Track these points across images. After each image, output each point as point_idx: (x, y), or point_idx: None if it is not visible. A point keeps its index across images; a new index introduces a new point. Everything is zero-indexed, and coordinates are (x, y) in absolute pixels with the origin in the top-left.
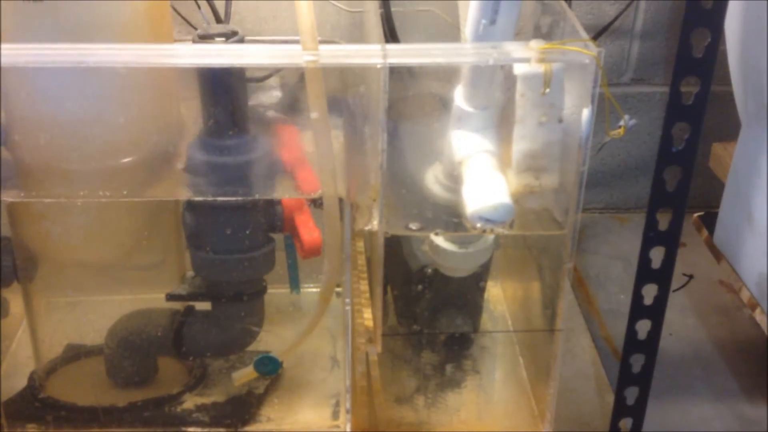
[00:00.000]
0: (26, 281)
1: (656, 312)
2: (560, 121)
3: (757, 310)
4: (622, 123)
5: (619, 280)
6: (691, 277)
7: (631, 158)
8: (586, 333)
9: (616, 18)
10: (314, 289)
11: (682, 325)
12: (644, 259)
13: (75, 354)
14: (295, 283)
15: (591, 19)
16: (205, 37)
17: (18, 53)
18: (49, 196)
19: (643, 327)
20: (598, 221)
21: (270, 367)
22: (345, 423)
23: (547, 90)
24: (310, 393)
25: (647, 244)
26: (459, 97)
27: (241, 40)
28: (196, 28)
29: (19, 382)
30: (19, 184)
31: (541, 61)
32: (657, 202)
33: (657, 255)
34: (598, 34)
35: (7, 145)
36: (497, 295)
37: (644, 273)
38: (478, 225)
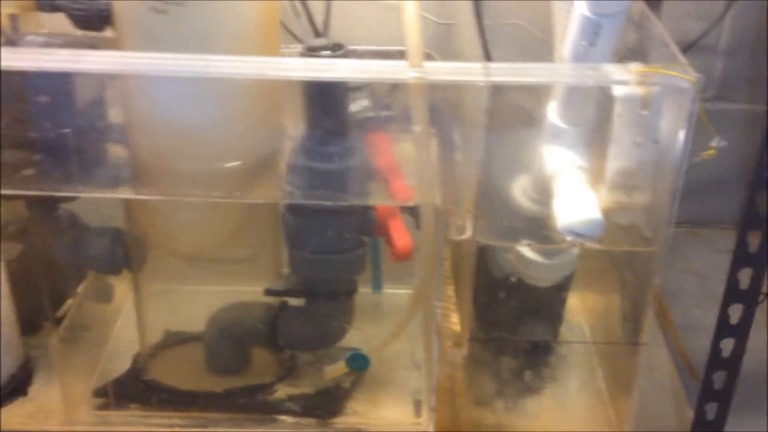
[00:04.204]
0: (135, 270)
1: (741, 331)
2: (656, 142)
3: None
4: (714, 144)
5: (693, 295)
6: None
7: (708, 174)
8: (663, 347)
9: (702, 36)
10: (393, 290)
11: (758, 341)
12: (733, 280)
13: (174, 340)
14: (378, 283)
15: (676, 35)
16: (312, 50)
17: (145, 62)
18: (160, 194)
19: (727, 345)
20: (674, 235)
21: (360, 364)
22: (428, 421)
23: (645, 112)
24: (393, 390)
25: (736, 265)
26: (553, 113)
27: (346, 54)
28: (296, 38)
29: (122, 364)
30: (134, 181)
31: (640, 84)
32: (748, 225)
33: (745, 276)
34: (683, 50)
35: (125, 145)
36: (575, 304)
37: (732, 293)
38: (569, 238)
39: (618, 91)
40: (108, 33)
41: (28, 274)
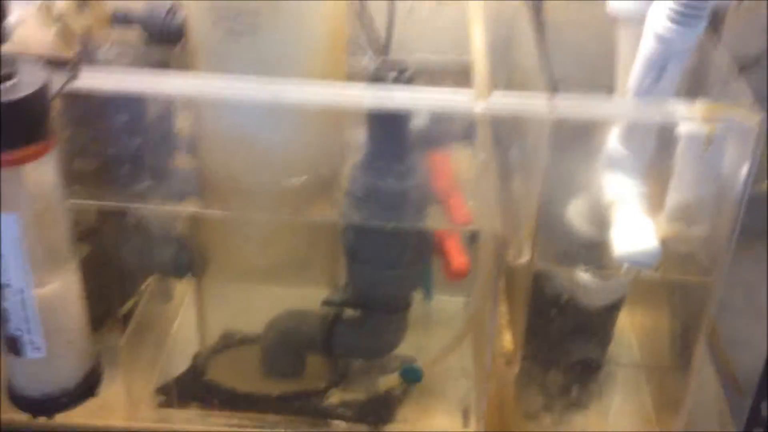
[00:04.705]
0: (198, 274)
1: None
2: (718, 177)
3: None
4: None
5: (738, 307)
6: None
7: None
8: (709, 365)
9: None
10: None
11: None
12: None
13: (232, 341)
14: (428, 293)
15: (738, 48)
16: (379, 77)
17: (224, 87)
18: (226, 209)
19: None
20: None
21: (414, 377)
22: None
23: (708, 149)
24: (443, 399)
25: None
26: (614, 139)
27: (411, 78)
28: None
29: (182, 363)
30: (200, 195)
31: (705, 122)
32: None
33: None
34: (744, 66)
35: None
36: (625, 321)
37: None
38: (625, 266)
39: (682, 127)
40: None
41: (94, 275)
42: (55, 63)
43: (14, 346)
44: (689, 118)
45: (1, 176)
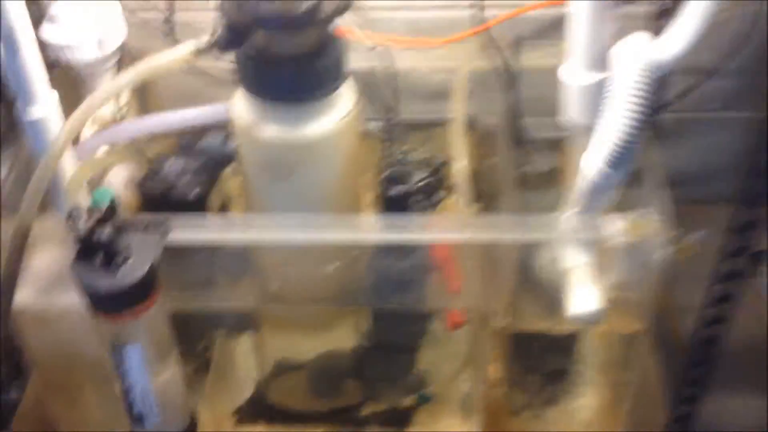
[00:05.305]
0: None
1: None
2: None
3: None
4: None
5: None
6: None
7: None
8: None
9: (711, 74)
10: None
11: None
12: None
13: (282, 369)
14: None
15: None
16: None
17: (266, 226)
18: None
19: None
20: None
21: (425, 400)
22: (475, 429)
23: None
24: (448, 404)
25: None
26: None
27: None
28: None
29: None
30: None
31: (629, 235)
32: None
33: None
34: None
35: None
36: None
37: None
38: (576, 322)
39: (614, 239)
40: None
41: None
42: (150, 225)
43: (139, 421)
44: (613, 235)
45: (128, 325)
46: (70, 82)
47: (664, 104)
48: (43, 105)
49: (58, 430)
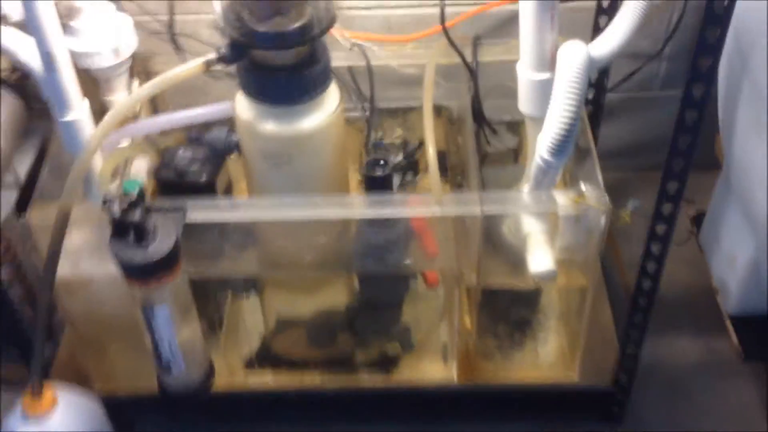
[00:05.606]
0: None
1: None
2: (585, 231)
3: None
4: (629, 207)
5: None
6: None
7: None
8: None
9: (645, 64)
10: None
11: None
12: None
13: (284, 325)
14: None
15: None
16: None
17: (274, 210)
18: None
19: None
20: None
21: (409, 347)
22: (452, 372)
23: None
24: (429, 351)
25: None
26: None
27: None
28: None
29: (254, 342)
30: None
31: (574, 207)
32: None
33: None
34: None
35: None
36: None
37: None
38: (536, 280)
39: (561, 210)
40: None
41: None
42: (171, 208)
43: (167, 369)
44: (564, 206)
45: (157, 289)
46: (88, 84)
47: (608, 87)
48: (77, 111)
49: (88, 380)
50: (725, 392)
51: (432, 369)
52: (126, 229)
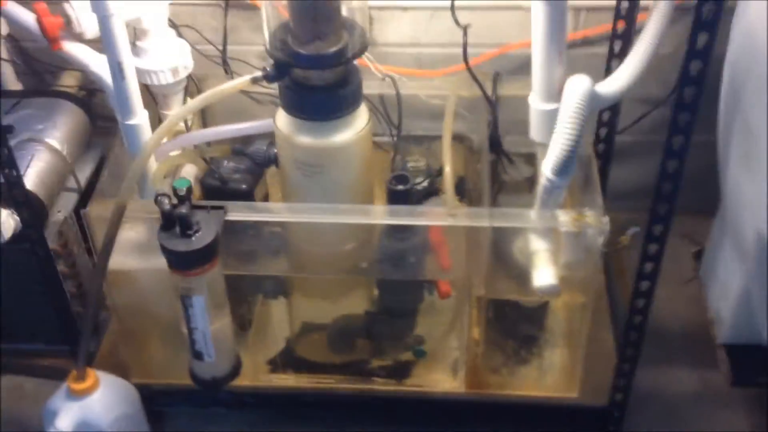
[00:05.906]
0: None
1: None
2: (584, 249)
3: None
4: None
5: None
6: None
7: None
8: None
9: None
10: None
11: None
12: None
13: (307, 329)
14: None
15: None
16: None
17: (303, 214)
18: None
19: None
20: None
21: (421, 354)
22: (461, 382)
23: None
24: (440, 362)
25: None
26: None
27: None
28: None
29: (275, 347)
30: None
31: (574, 225)
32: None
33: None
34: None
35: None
36: (557, 304)
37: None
38: (539, 294)
39: (562, 227)
40: None
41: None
42: (214, 208)
43: (199, 357)
44: (565, 223)
45: (195, 279)
46: (148, 99)
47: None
48: (139, 117)
49: (126, 372)
50: (717, 418)
51: (442, 378)
52: (173, 221)
